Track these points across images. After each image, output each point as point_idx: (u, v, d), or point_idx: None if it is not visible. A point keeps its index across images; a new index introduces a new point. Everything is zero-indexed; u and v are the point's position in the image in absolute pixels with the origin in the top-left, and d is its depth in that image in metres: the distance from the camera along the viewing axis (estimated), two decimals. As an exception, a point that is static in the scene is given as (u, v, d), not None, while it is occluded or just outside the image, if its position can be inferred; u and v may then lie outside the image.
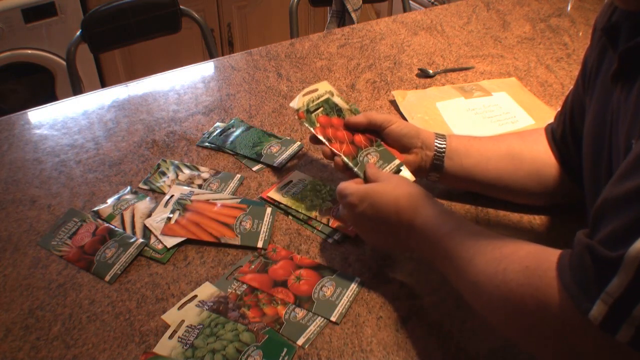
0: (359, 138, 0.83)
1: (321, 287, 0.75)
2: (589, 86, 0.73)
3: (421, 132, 0.85)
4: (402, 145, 0.84)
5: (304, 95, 0.88)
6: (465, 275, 0.63)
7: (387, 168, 0.80)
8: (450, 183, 0.89)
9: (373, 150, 0.81)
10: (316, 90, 0.90)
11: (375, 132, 0.85)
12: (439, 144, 0.84)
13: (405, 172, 0.84)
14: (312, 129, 0.83)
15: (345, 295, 0.74)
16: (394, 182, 0.74)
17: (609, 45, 0.65)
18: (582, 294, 0.49)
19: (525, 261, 0.57)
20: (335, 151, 0.81)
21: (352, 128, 0.85)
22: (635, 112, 0.55)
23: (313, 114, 0.85)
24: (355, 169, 0.80)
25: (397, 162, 0.82)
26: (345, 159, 0.81)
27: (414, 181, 0.84)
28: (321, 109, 0.86)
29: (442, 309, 0.73)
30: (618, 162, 0.59)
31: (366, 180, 0.78)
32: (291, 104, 0.88)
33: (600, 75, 0.70)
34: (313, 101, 0.87)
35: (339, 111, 0.87)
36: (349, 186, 0.75)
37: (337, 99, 0.89)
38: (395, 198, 0.71)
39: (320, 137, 0.82)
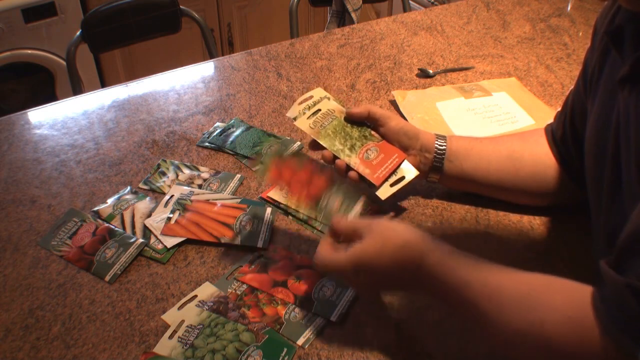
0: (317, 184, 0.78)
1: (321, 287, 0.75)
2: (591, 88, 0.73)
3: (421, 133, 0.84)
4: (401, 143, 0.84)
5: (299, 103, 0.87)
6: (494, 328, 0.58)
7: (355, 208, 0.76)
8: (450, 184, 0.89)
9: (335, 190, 0.77)
10: (311, 97, 0.89)
11: (373, 127, 0.86)
12: (439, 145, 0.84)
13: (409, 168, 0.83)
14: (265, 177, 0.78)
15: (345, 296, 0.74)
16: (380, 235, 0.63)
17: (613, 48, 0.65)
18: (631, 340, 0.47)
19: (566, 310, 0.53)
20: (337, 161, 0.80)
21: (351, 121, 0.85)
22: None
23: (265, 162, 0.79)
24: (319, 222, 0.80)
25: (363, 198, 0.77)
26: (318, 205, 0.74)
27: (413, 182, 0.84)
28: (290, 159, 0.83)
29: (442, 309, 0.73)
30: (629, 167, 0.58)
31: (344, 234, 0.68)
32: (288, 114, 0.86)
33: (603, 77, 0.70)
34: (309, 108, 0.86)
35: (333, 117, 0.86)
36: (332, 259, 0.65)
37: (332, 103, 0.88)
38: (393, 255, 0.62)
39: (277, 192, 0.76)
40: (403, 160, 0.83)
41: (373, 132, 0.85)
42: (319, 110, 0.86)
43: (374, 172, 0.81)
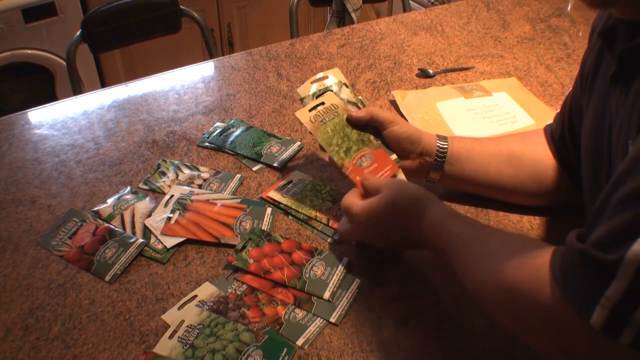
0: (298, 255, 0.78)
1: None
2: (586, 89, 0.73)
3: (423, 136, 0.84)
4: (402, 148, 0.84)
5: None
6: (465, 276, 0.64)
7: (337, 271, 0.76)
8: (450, 185, 0.88)
9: (316, 260, 0.78)
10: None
11: (376, 130, 0.85)
12: (440, 148, 0.84)
13: (400, 176, 0.83)
14: (246, 268, 0.77)
15: (345, 297, 0.74)
16: (392, 192, 0.73)
17: (605, 48, 0.65)
18: (580, 300, 0.49)
19: (525, 258, 0.57)
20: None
21: (354, 124, 0.84)
22: (632, 113, 0.55)
23: (243, 252, 0.79)
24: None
25: (344, 259, 0.78)
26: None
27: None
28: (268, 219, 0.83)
29: (442, 309, 0.73)
30: (617, 164, 0.59)
31: (365, 192, 0.78)
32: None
33: (597, 78, 0.70)
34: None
35: (335, 113, 0.84)
36: (353, 203, 0.75)
37: (337, 99, 0.87)
38: (400, 210, 0.72)
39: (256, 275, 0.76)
40: (395, 173, 0.82)
41: (372, 138, 0.84)
42: (323, 103, 0.85)
43: None
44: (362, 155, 0.82)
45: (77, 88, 1.50)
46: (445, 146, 0.84)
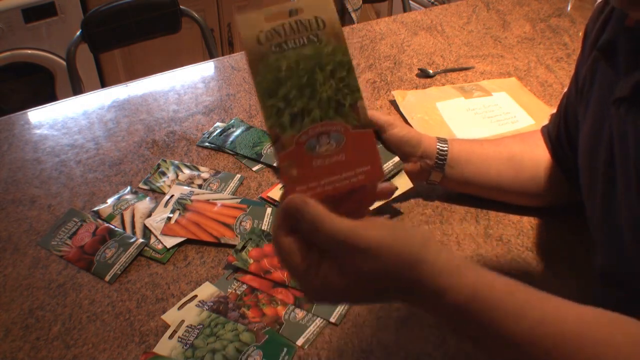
0: None
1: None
2: (583, 97, 0.72)
3: (423, 139, 0.84)
4: (402, 152, 0.83)
5: (267, 19, 0.47)
6: None
7: None
8: (450, 187, 0.88)
9: None
10: (301, 10, 0.47)
11: (375, 133, 0.84)
12: (440, 150, 0.83)
13: (403, 179, 0.83)
14: (246, 268, 0.75)
15: (345, 296, 0.74)
16: (347, 272, 0.44)
17: (605, 63, 0.64)
18: None
19: (629, 353, 0.45)
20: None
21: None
22: None
23: (243, 252, 0.77)
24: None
25: None
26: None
27: (411, 188, 0.84)
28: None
29: (442, 309, 0.73)
30: (628, 183, 0.57)
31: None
32: (240, 24, 0.46)
33: (594, 87, 0.69)
34: (283, 37, 0.46)
35: (312, 37, 0.48)
36: (299, 274, 0.46)
37: (333, 15, 0.48)
38: (369, 289, 0.46)
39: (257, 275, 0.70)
40: (371, 183, 0.48)
41: (359, 105, 0.46)
42: (299, 14, 0.47)
43: (298, 182, 0.45)
44: (324, 133, 0.45)
45: (77, 88, 1.50)
46: (445, 149, 0.84)
